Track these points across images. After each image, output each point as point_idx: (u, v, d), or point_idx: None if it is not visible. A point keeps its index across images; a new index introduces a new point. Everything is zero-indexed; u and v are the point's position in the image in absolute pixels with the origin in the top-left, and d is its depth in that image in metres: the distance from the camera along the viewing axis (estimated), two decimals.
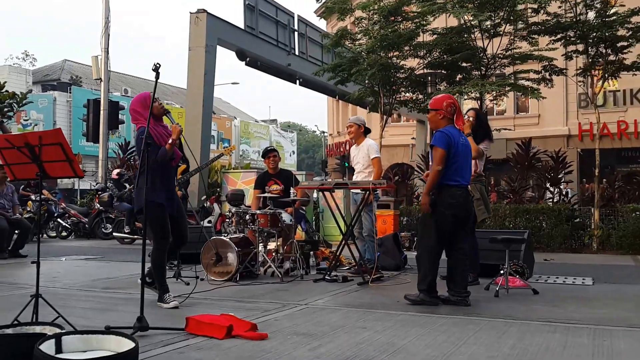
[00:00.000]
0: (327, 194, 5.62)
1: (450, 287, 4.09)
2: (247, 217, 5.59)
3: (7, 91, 11.46)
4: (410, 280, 5.36)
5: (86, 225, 11.44)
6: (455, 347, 2.85)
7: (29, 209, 10.25)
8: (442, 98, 4.17)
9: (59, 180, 21.46)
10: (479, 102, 10.60)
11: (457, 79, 10.92)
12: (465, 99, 12.11)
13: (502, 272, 4.56)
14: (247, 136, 34.84)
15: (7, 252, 7.42)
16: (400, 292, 4.69)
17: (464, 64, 10.56)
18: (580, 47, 9.70)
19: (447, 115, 4.07)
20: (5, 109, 11.29)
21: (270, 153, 6.22)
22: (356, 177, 5.63)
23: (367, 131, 5.69)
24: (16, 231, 7.64)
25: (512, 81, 10.56)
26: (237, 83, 35.45)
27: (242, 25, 12.09)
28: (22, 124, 23.74)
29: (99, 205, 10.93)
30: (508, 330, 3.24)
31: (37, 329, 2.67)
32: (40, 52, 75.46)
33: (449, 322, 3.47)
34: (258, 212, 5.45)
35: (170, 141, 3.84)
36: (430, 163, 4.14)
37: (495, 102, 10.76)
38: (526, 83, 10.64)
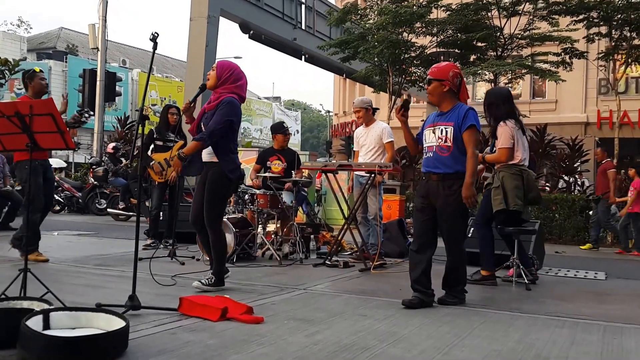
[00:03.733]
0: (330, 175, 5.46)
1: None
2: (247, 197, 5.45)
3: None
4: None
5: (80, 200, 11.22)
6: (458, 339, 2.74)
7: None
8: (447, 67, 3.56)
9: (53, 153, 21.18)
10: (493, 84, 10.31)
11: (471, 59, 10.61)
12: (478, 81, 11.80)
13: (508, 263, 4.45)
14: (249, 113, 34.01)
15: None
16: (404, 280, 4.57)
17: (479, 44, 10.24)
18: (604, 29, 9.30)
19: (452, 88, 3.47)
20: None
21: (286, 131, 5.97)
22: (362, 160, 5.45)
23: (374, 110, 5.49)
24: (8, 203, 7.46)
25: (530, 63, 10.21)
26: (240, 57, 34.00)
27: None
28: (15, 92, 22.79)
29: (93, 180, 10.75)
30: (514, 324, 3.13)
31: (25, 304, 2.61)
32: (35, 19, 74.15)
33: (454, 312, 3.36)
34: (258, 192, 5.31)
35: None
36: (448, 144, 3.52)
37: (510, 84, 10.46)
38: (544, 66, 10.29)
